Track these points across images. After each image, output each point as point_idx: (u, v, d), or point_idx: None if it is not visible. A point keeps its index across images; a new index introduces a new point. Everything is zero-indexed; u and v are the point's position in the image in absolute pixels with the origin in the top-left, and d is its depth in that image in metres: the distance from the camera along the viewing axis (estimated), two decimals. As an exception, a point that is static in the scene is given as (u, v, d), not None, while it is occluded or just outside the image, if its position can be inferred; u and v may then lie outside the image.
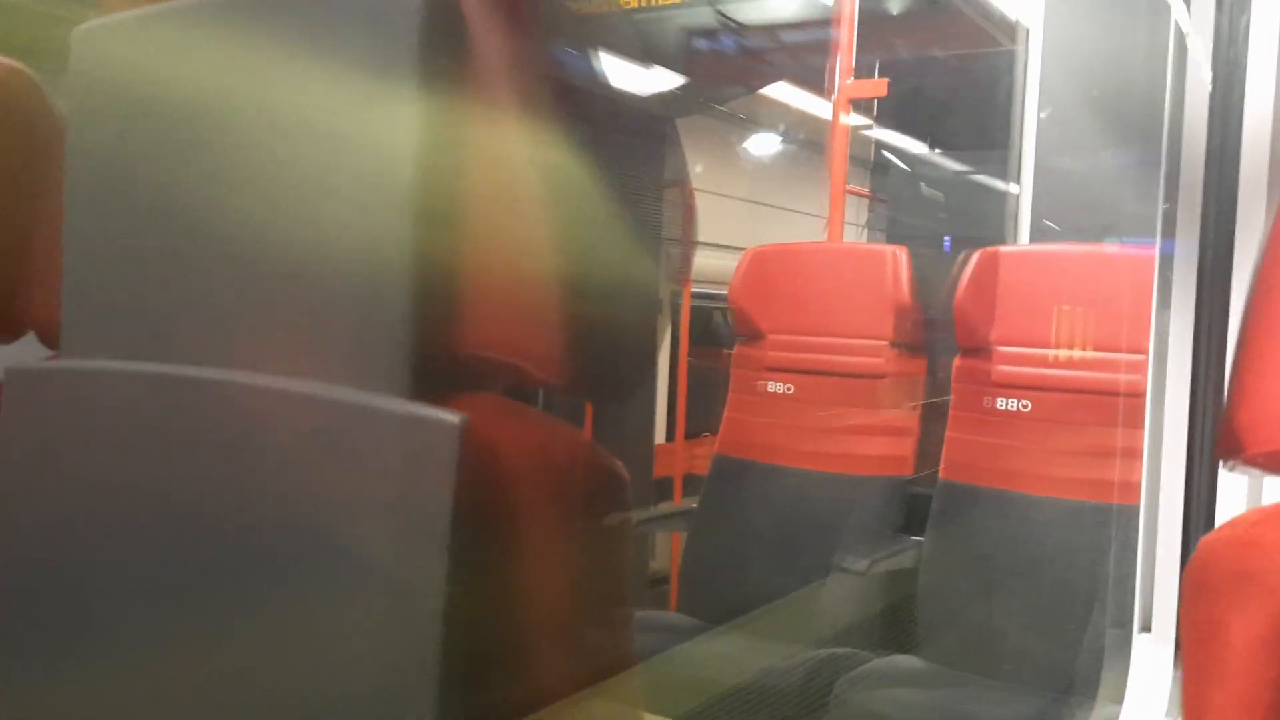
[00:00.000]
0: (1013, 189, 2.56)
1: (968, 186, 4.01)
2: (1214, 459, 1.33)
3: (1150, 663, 1.38)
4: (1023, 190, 2.53)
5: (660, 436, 4.09)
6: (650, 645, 1.90)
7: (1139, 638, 1.40)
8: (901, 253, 2.14)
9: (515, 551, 0.64)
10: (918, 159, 4.19)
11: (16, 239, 0.93)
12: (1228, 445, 0.64)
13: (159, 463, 0.72)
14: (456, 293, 0.64)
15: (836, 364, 2.17)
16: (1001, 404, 1.93)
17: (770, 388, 2.23)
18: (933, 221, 4.10)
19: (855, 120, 3.48)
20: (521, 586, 0.65)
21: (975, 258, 1.98)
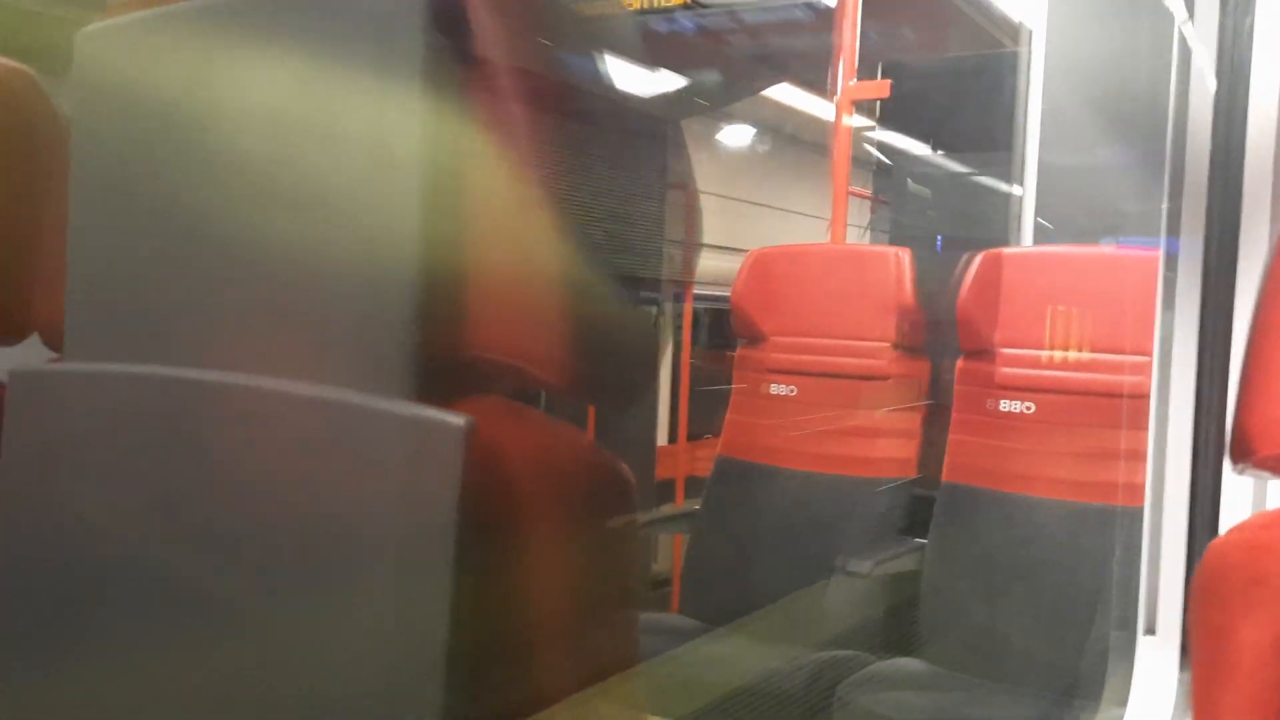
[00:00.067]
0: (1004, 186, 2.55)
1: (958, 183, 4.00)
2: (1218, 461, 1.32)
3: (1155, 665, 1.38)
4: (1025, 191, 2.53)
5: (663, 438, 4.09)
6: (652, 647, 1.89)
7: (1143, 640, 1.39)
8: (904, 254, 2.13)
9: (520, 553, 0.64)
10: (904, 155, 4.18)
11: (20, 241, 0.93)
12: (1238, 448, 0.64)
13: (163, 465, 0.71)
14: (461, 295, 0.64)
15: (839, 366, 2.16)
16: (1005, 406, 1.92)
17: (773, 389, 2.23)
18: (922, 219, 4.09)
19: (855, 121, 3.48)
20: (526, 588, 0.64)
21: (979, 260, 1.98)
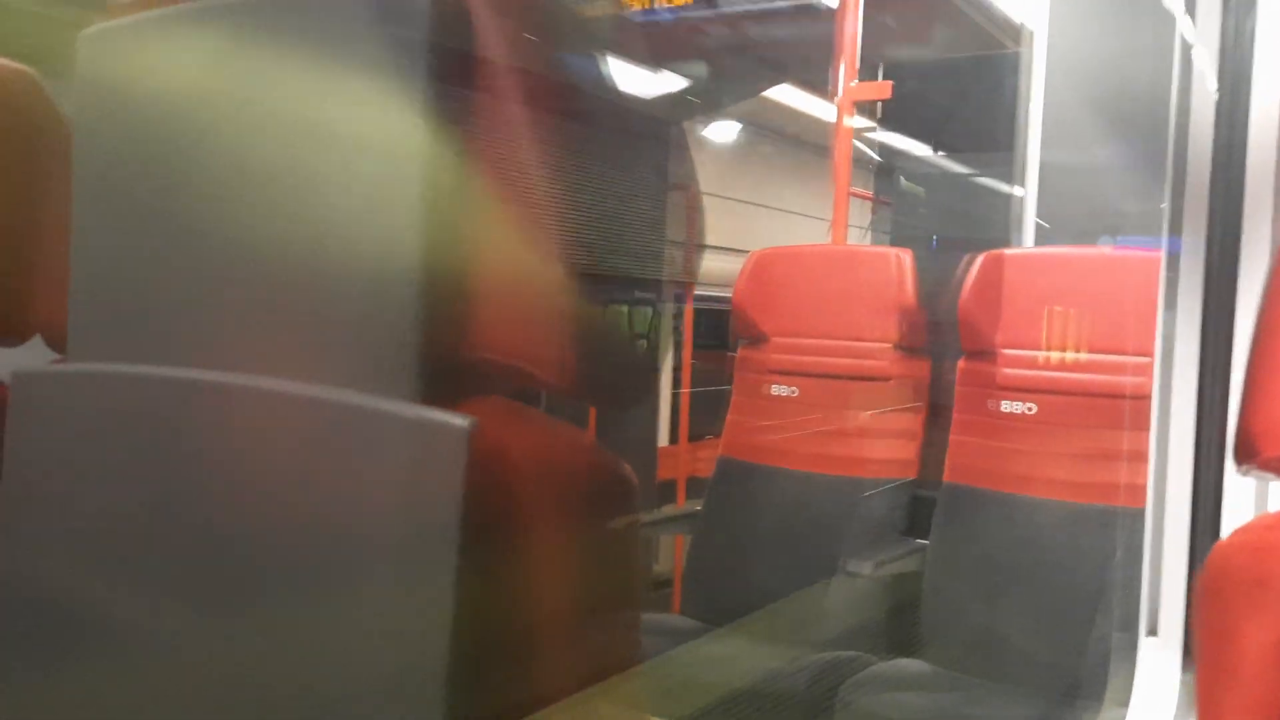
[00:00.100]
0: (996, 183, 2.54)
1: (951, 181, 4.00)
2: (1220, 462, 1.32)
3: (1157, 666, 1.38)
4: (1026, 192, 2.53)
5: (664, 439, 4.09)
6: (654, 648, 1.89)
7: (1145, 641, 1.39)
8: (905, 255, 2.13)
9: (523, 554, 0.64)
10: (896, 153, 4.18)
11: (23, 242, 0.93)
12: (1242, 450, 0.64)
13: (165, 466, 0.71)
14: (463, 297, 0.64)
15: (840, 366, 2.16)
16: (1006, 407, 1.92)
17: (774, 390, 2.23)
18: (914, 217, 4.09)
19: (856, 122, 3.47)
20: (530, 588, 0.64)
21: (980, 260, 1.98)
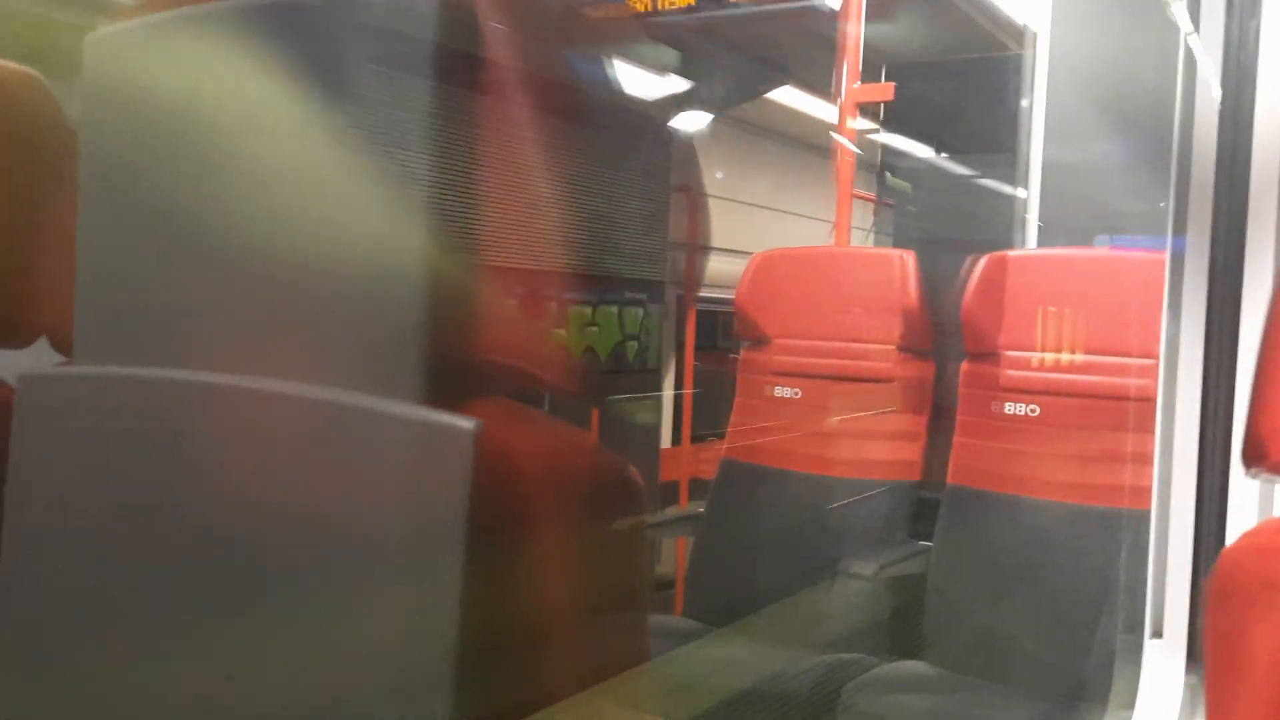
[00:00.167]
0: (987, 180, 2.53)
1: (940, 177, 4.00)
2: (1225, 463, 1.32)
3: (1161, 668, 1.38)
4: (1030, 193, 2.53)
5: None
6: (656, 649, 1.89)
7: (1150, 643, 1.39)
8: (908, 257, 2.13)
9: (529, 555, 0.64)
10: (887, 150, 4.20)
11: (29, 245, 0.93)
12: (1251, 452, 0.64)
13: (171, 468, 0.71)
14: (469, 300, 0.64)
15: (843, 368, 2.16)
16: (1010, 409, 1.92)
17: (777, 392, 2.23)
18: (901, 215, 4.12)
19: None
20: (534, 589, 0.64)
21: (983, 262, 1.98)
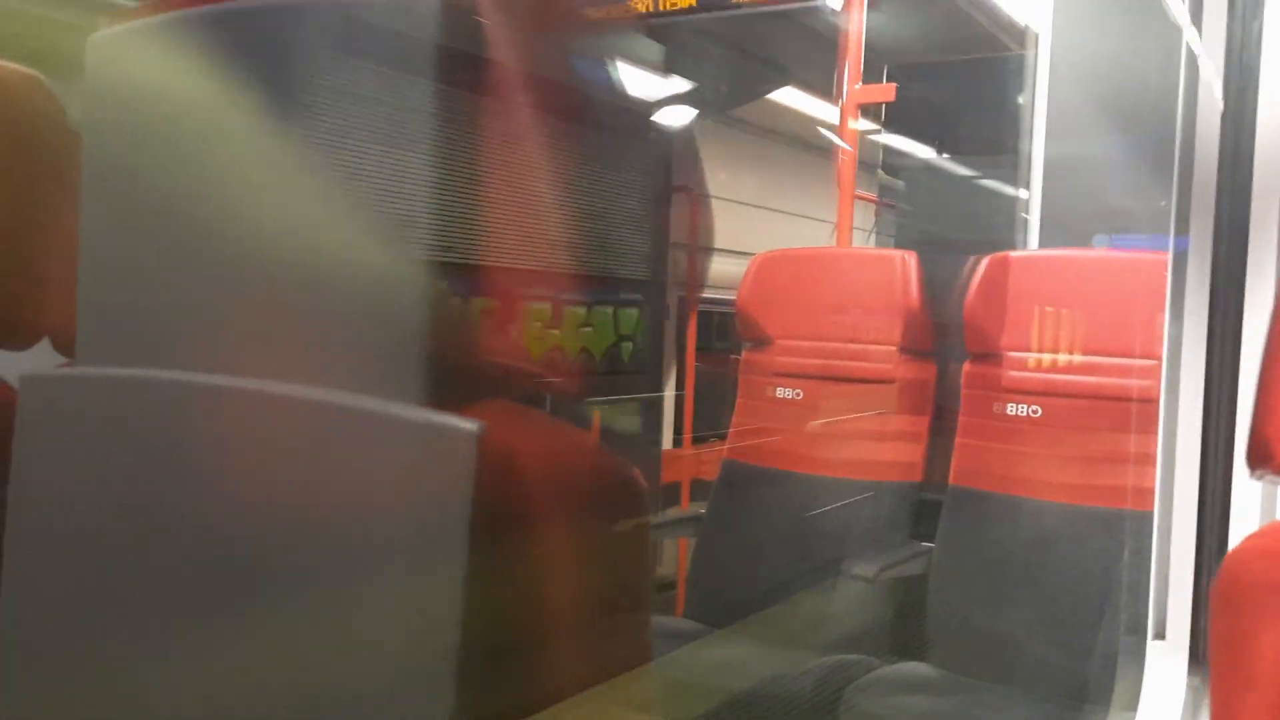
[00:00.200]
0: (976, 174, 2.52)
1: (931, 173, 4.02)
2: (1228, 465, 1.32)
3: (1164, 670, 1.37)
4: (1032, 194, 2.53)
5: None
6: (657, 651, 1.89)
7: (1153, 645, 1.39)
8: (910, 258, 2.13)
9: (532, 557, 0.64)
10: (877, 147, 4.24)
11: (31, 246, 0.93)
12: (1256, 454, 0.64)
13: (175, 470, 0.71)
14: (465, 301, 0.64)
15: (845, 369, 2.16)
16: (1012, 410, 1.92)
17: (779, 393, 2.23)
18: (894, 212, 4.15)
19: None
20: (538, 591, 0.64)
21: (985, 263, 1.98)
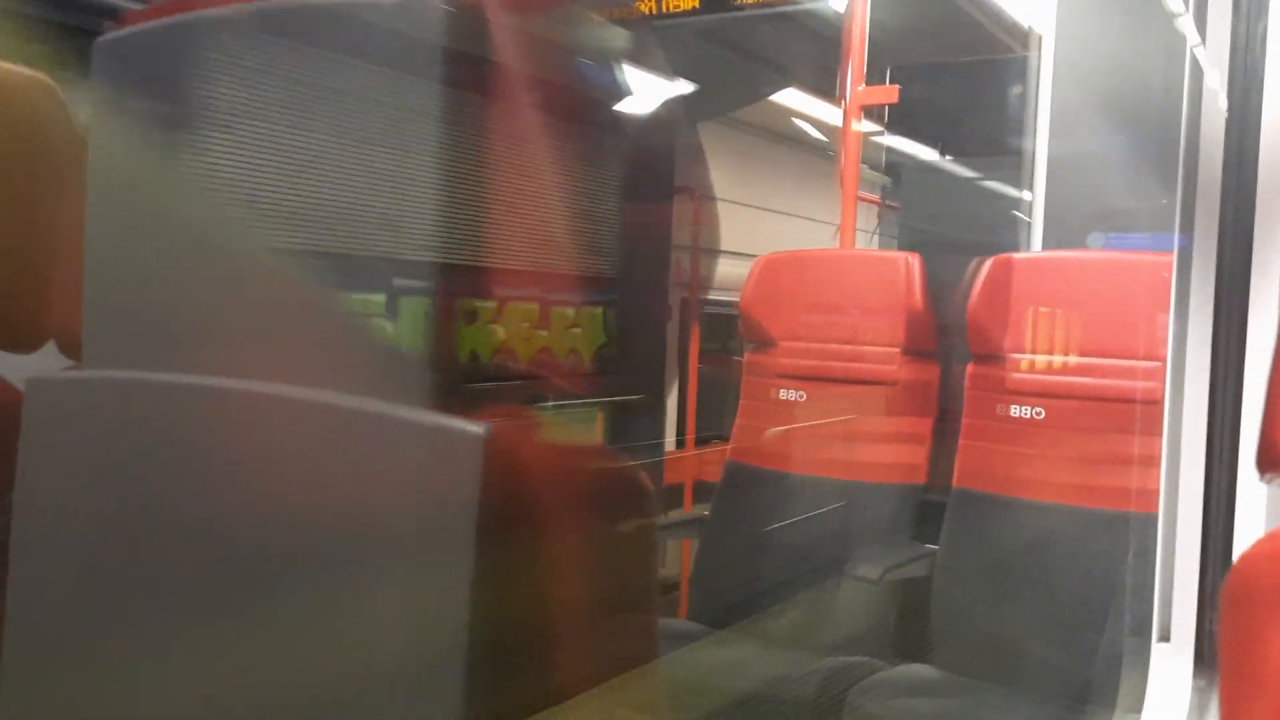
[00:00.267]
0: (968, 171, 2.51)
1: (923, 170, 4.01)
2: (1232, 466, 1.32)
3: (1169, 672, 1.37)
4: (1035, 195, 2.53)
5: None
6: (660, 652, 1.88)
7: (1157, 647, 1.39)
8: (914, 259, 2.13)
9: (538, 559, 0.64)
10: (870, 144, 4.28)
11: (37, 250, 0.93)
12: (1266, 457, 0.64)
13: (180, 472, 0.71)
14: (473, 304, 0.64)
15: (848, 371, 2.16)
16: (1015, 411, 1.92)
17: (782, 395, 2.23)
18: (896, 214, 4.18)
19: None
20: (544, 593, 0.64)
21: (988, 264, 1.97)
